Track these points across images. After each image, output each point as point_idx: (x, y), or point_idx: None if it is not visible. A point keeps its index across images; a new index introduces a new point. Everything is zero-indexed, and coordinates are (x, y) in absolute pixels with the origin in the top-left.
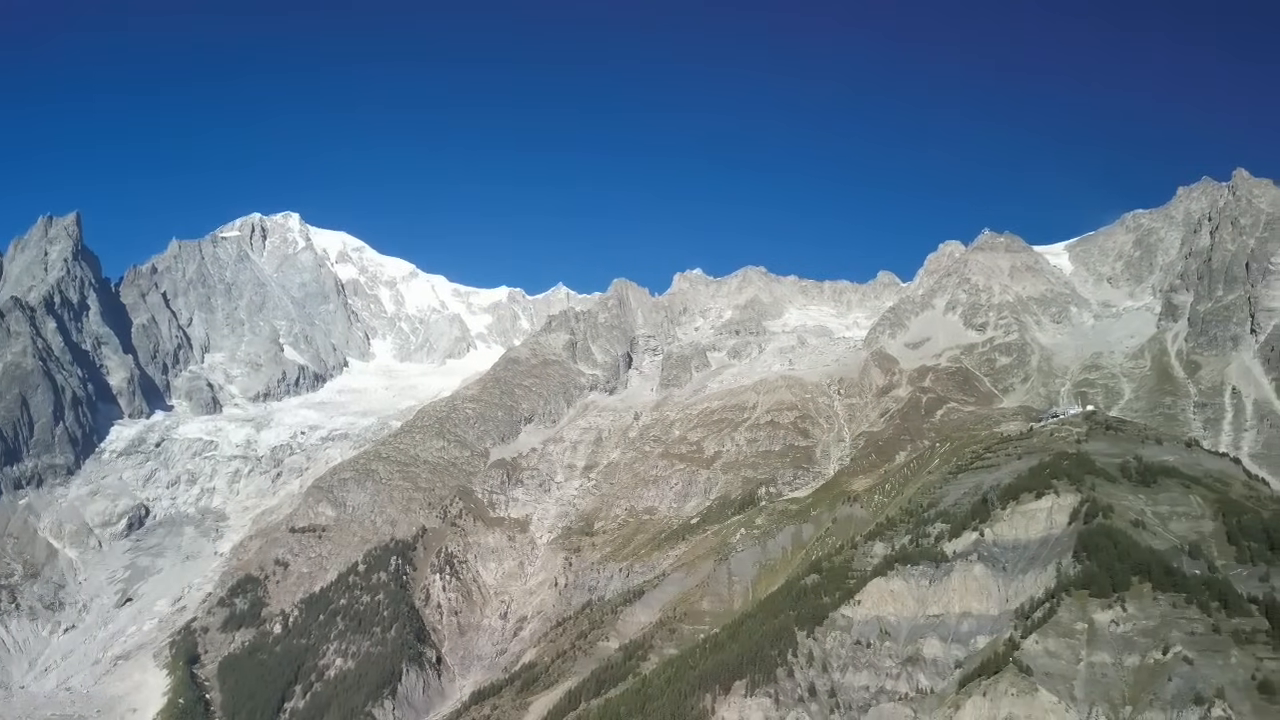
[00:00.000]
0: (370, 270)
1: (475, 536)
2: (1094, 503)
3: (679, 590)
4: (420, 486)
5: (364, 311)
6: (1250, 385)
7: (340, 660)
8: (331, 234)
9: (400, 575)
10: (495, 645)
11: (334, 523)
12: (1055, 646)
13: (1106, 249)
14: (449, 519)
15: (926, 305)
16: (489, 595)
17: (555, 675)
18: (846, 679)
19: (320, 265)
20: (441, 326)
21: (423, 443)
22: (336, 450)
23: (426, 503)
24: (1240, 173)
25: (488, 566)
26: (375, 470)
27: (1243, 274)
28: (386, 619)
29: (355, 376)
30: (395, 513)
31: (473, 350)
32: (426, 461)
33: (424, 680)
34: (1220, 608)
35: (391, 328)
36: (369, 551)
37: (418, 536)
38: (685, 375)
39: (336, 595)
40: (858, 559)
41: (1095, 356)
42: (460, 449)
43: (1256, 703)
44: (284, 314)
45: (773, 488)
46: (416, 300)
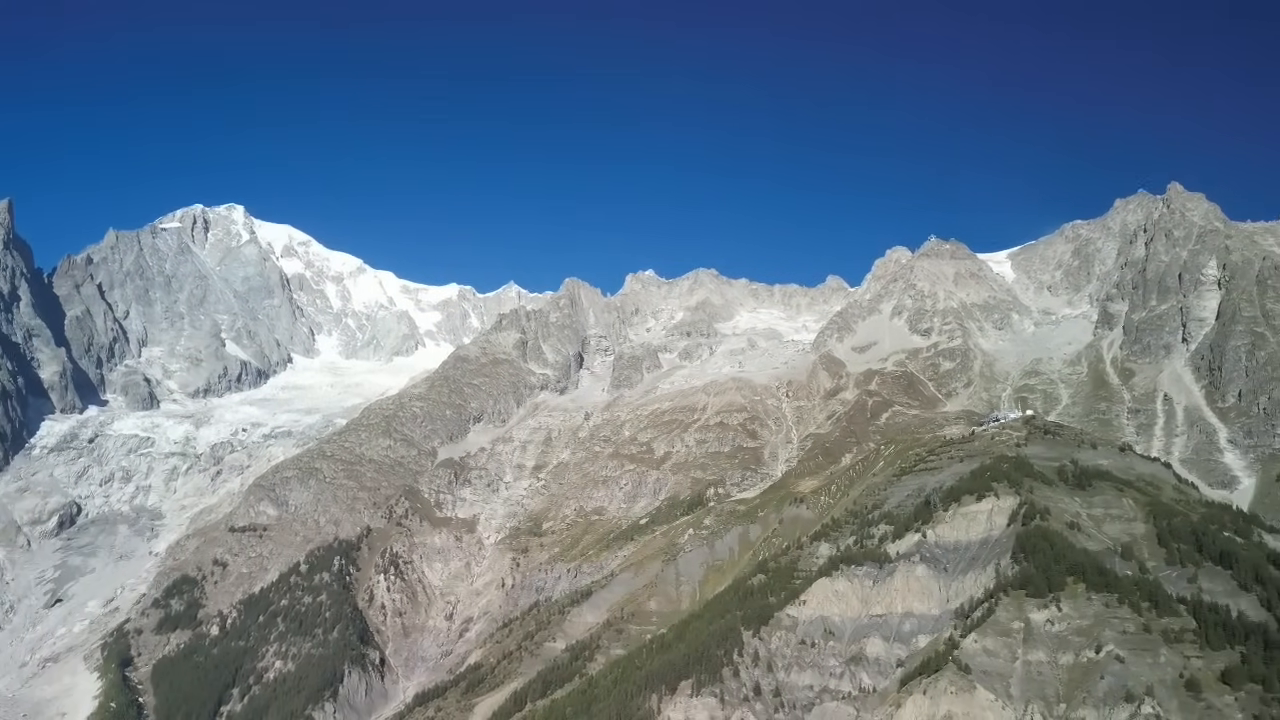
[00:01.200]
0: (317, 265)
1: (421, 537)
2: (1032, 505)
3: (627, 591)
4: (365, 486)
5: (309, 307)
6: (1181, 392)
7: (280, 662)
8: (277, 227)
9: (343, 576)
10: (440, 647)
11: (275, 522)
12: (993, 645)
13: (1047, 258)
14: (394, 519)
15: (873, 310)
16: (434, 596)
17: (501, 676)
18: (791, 678)
19: (265, 259)
20: (389, 323)
21: (369, 441)
22: (279, 448)
23: (372, 502)
24: (1174, 186)
25: (433, 567)
26: (319, 469)
27: (1175, 285)
28: (329, 620)
29: (300, 373)
30: (339, 512)
31: (421, 348)
32: (372, 460)
33: (366, 682)
34: (1151, 607)
35: (338, 324)
36: (311, 551)
37: (362, 536)
38: (636, 376)
39: (277, 596)
40: (804, 559)
41: (1035, 363)
42: (407, 448)
43: (1184, 700)
44: (226, 308)
45: (721, 489)
46: (364, 296)
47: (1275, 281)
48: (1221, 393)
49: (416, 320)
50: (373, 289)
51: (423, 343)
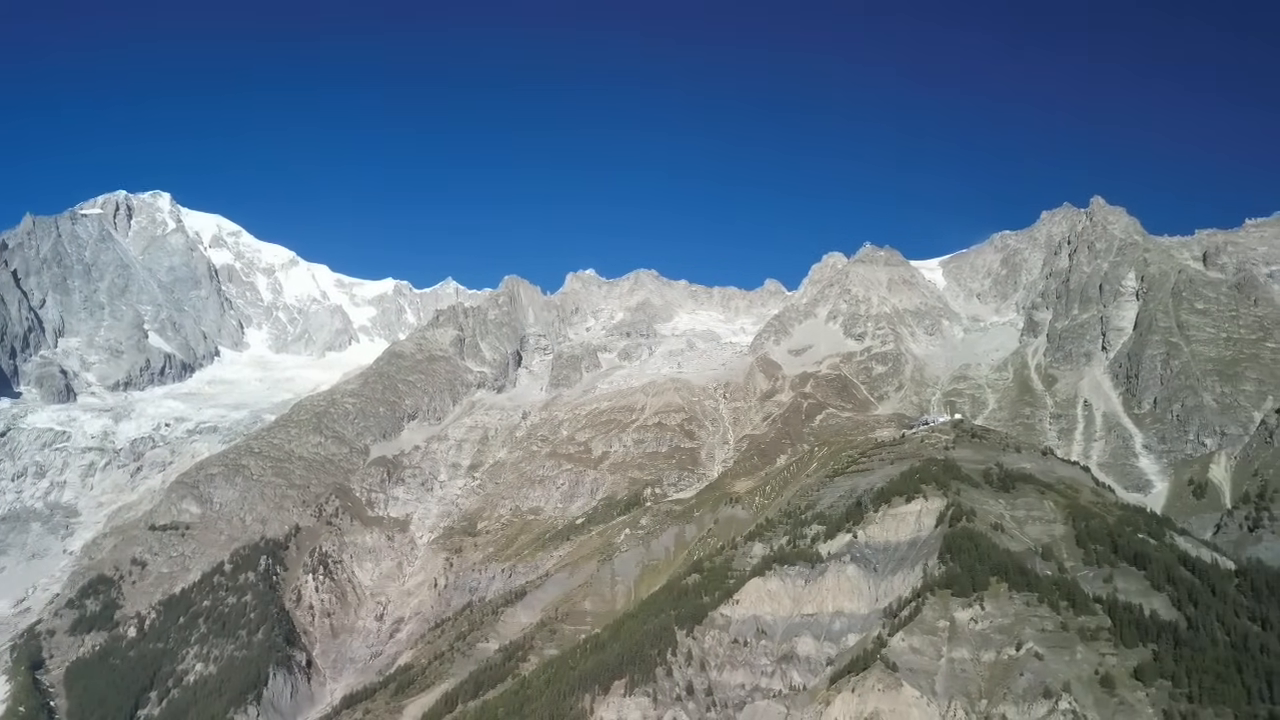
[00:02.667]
0: (247, 256)
1: (352, 536)
2: (959, 507)
3: (562, 591)
4: (294, 484)
5: (239, 299)
6: (1100, 398)
7: (201, 665)
8: (205, 216)
9: (270, 576)
10: (370, 648)
11: (199, 520)
12: (920, 644)
13: (977, 266)
14: (324, 517)
15: (810, 314)
16: (364, 596)
17: (432, 677)
18: (724, 677)
19: (192, 249)
20: (322, 318)
21: (298, 438)
22: (204, 444)
23: (301, 500)
24: (1097, 200)
25: (364, 567)
26: (246, 466)
27: (1096, 295)
28: (253, 621)
29: (227, 367)
30: (266, 510)
31: (355, 343)
32: (302, 458)
33: (292, 684)
34: (1069, 607)
35: (268, 317)
36: (236, 551)
37: (290, 535)
38: (575, 375)
39: (199, 597)
40: (738, 559)
41: (964, 368)
42: (338, 445)
43: (1098, 696)
44: (150, 298)
45: (658, 489)
46: (296, 289)
47: (1189, 294)
48: (1138, 400)
49: (350, 315)
50: (305, 282)
51: (357, 338)
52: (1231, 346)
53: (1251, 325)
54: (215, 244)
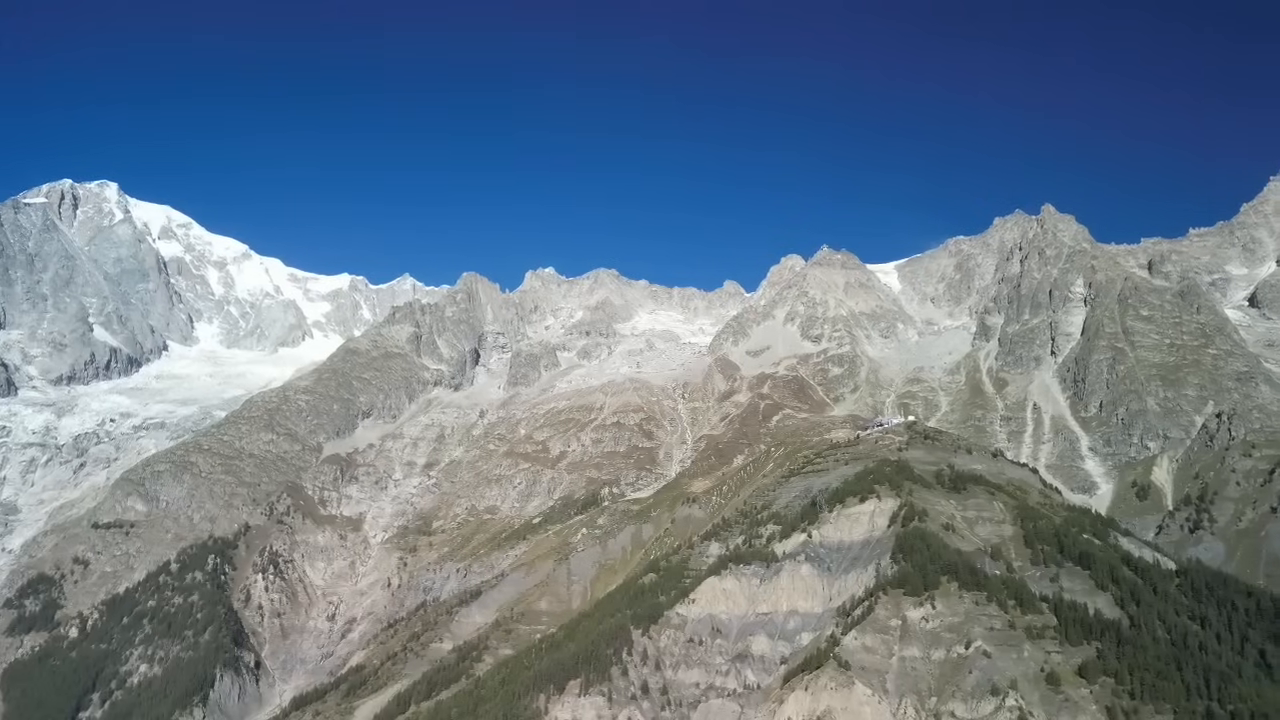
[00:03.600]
0: (197, 249)
1: (304, 535)
2: (911, 507)
3: (518, 590)
4: (245, 481)
5: (188, 292)
6: (1049, 402)
7: (145, 666)
8: (154, 207)
9: (218, 575)
10: (321, 648)
11: (144, 518)
12: (872, 642)
13: (931, 271)
14: (275, 516)
15: (768, 315)
16: (316, 596)
17: (384, 678)
18: (679, 676)
19: (140, 240)
20: (275, 312)
21: (249, 435)
22: (151, 440)
23: (251, 499)
24: (1048, 208)
25: (316, 566)
26: (194, 463)
27: (1046, 300)
28: (200, 621)
29: (176, 362)
30: (215, 509)
31: (309, 339)
32: (253, 455)
33: (240, 686)
34: (1016, 605)
35: (219, 311)
36: (184, 550)
37: (239, 534)
38: (534, 374)
39: (144, 596)
40: (694, 558)
41: (917, 370)
42: (291, 443)
43: (1044, 692)
44: (95, 291)
45: (616, 488)
46: (248, 283)
47: (1135, 301)
48: (1084, 403)
49: (304, 310)
50: (258, 276)
51: (310, 334)
52: (1174, 352)
53: (1194, 332)
54: (164, 235)
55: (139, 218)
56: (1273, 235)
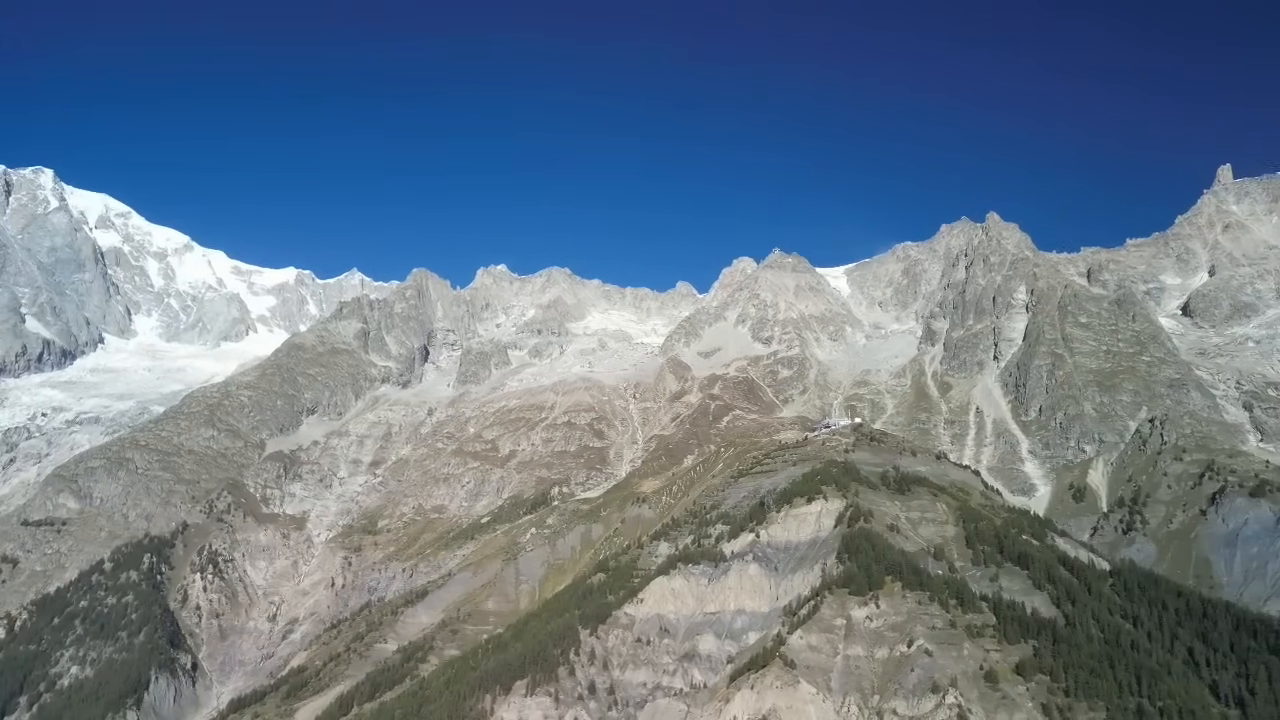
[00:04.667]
0: (137, 239)
1: (244, 533)
2: (857, 508)
3: (465, 590)
4: (183, 478)
5: (127, 284)
6: (991, 406)
7: (77, 668)
8: (92, 195)
9: (154, 575)
10: (261, 649)
11: (77, 516)
12: (817, 641)
13: (879, 275)
14: (215, 514)
15: (719, 317)
16: (256, 596)
17: (326, 680)
18: (626, 676)
19: (76, 229)
20: (218, 306)
21: (189, 431)
22: (85, 436)
23: (190, 496)
24: (993, 216)
25: (257, 566)
26: (130, 459)
27: (990, 306)
28: (135, 622)
29: (112, 355)
30: (152, 506)
31: (252, 334)
32: (192, 451)
33: (176, 688)
34: (957, 605)
35: (159, 303)
36: (118, 548)
37: (177, 533)
38: (484, 372)
39: (76, 596)
40: (643, 558)
41: (865, 373)
42: (232, 439)
43: (983, 690)
44: (28, 280)
45: (566, 488)
46: (190, 275)
47: (1074, 308)
48: (1025, 407)
49: (248, 304)
50: (200, 268)
51: (254, 328)
52: (1111, 359)
53: (1129, 339)
54: (102, 225)
55: (75, 206)
56: (1205, 247)
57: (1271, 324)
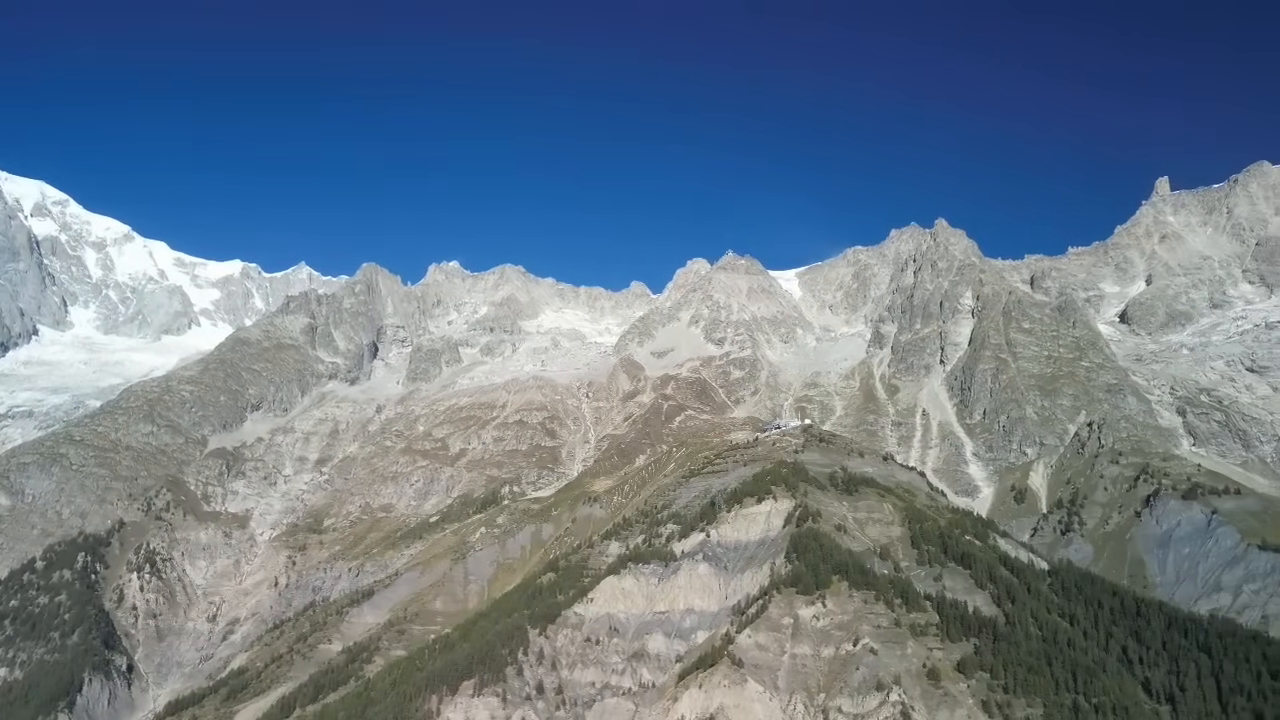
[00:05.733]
0: (74, 228)
1: (184, 532)
2: (805, 508)
3: (412, 590)
4: (120, 475)
5: (63, 274)
6: (937, 408)
7: (5, 670)
8: (27, 182)
9: (88, 574)
10: (200, 651)
11: (8, 513)
12: (765, 640)
13: (830, 279)
14: (154, 512)
15: (673, 317)
16: (196, 596)
17: (268, 681)
18: (575, 676)
19: (10, 217)
20: (159, 298)
21: (126, 426)
22: (17, 430)
23: (127, 493)
24: (941, 222)
25: (197, 565)
26: (65, 455)
27: (937, 311)
28: (68, 623)
29: (46, 347)
30: (87, 503)
31: (195, 327)
32: (130, 447)
33: (110, 691)
34: (902, 604)
35: (96, 295)
36: (51, 546)
37: (113, 531)
38: (435, 369)
39: (6, 596)
40: (594, 558)
41: (815, 375)
42: (173, 435)
43: (925, 688)
44: None
45: (516, 487)
46: (130, 266)
47: (1018, 314)
48: (969, 410)
49: (191, 297)
50: (141, 259)
51: (197, 321)
52: (1052, 364)
53: (1070, 345)
54: (38, 213)
55: (10, 193)
56: (1143, 257)
57: (1205, 332)
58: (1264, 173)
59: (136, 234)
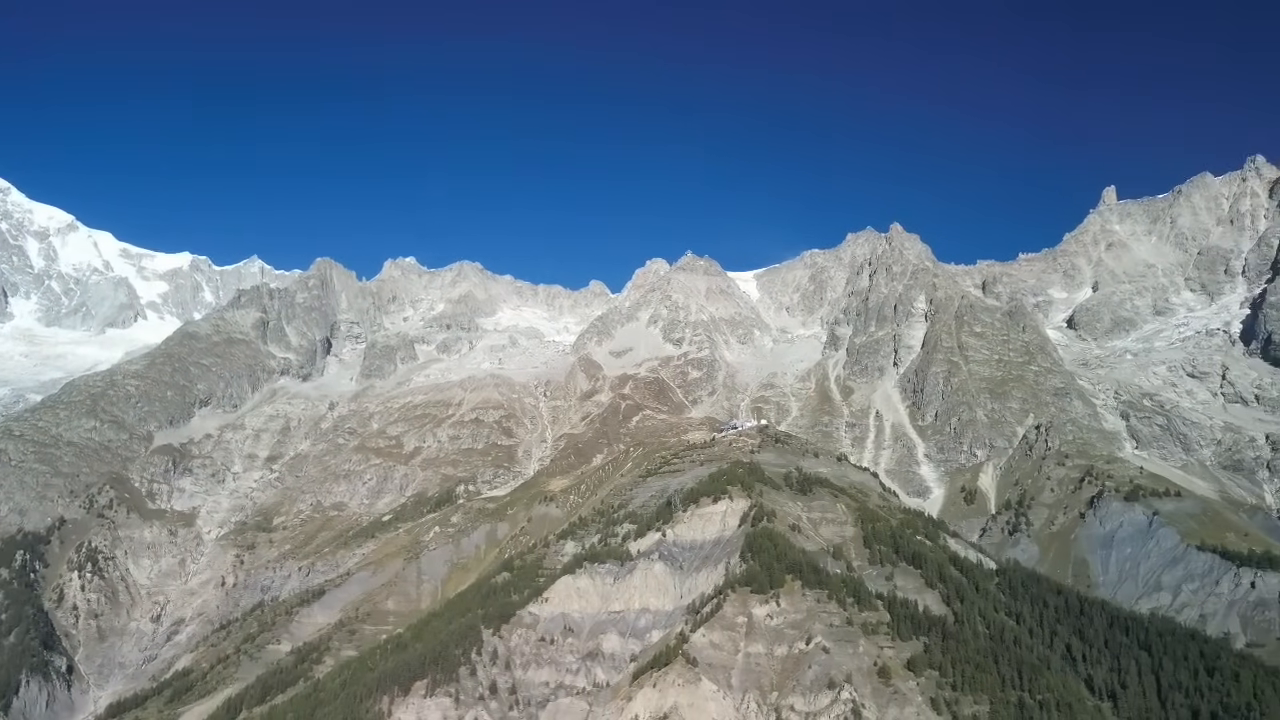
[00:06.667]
0: (16, 217)
1: (128, 530)
2: (761, 508)
3: (364, 590)
4: (61, 472)
5: (4, 264)
6: (890, 410)
7: None
8: None
9: (27, 573)
10: (143, 651)
11: None
12: (719, 639)
13: (787, 281)
14: (96, 509)
15: (632, 317)
16: (139, 596)
17: (213, 682)
18: (529, 675)
19: None
20: (104, 290)
21: (68, 421)
22: None
23: (68, 490)
24: (896, 227)
25: (140, 564)
26: (3, 450)
27: (891, 314)
28: (4, 623)
29: None
30: (26, 500)
31: (141, 320)
32: (71, 443)
33: (49, 692)
34: (854, 603)
35: (38, 286)
36: None
37: (54, 529)
38: (389, 366)
39: None
40: (549, 557)
41: (771, 376)
42: (117, 431)
43: (876, 686)
44: None
45: (472, 486)
46: (74, 257)
47: (969, 318)
48: (922, 412)
49: (138, 289)
50: (85, 250)
51: (144, 315)
52: (1002, 368)
53: (1019, 349)
54: None
55: None
56: (1090, 263)
57: (1148, 338)
58: (1206, 184)
59: (81, 224)
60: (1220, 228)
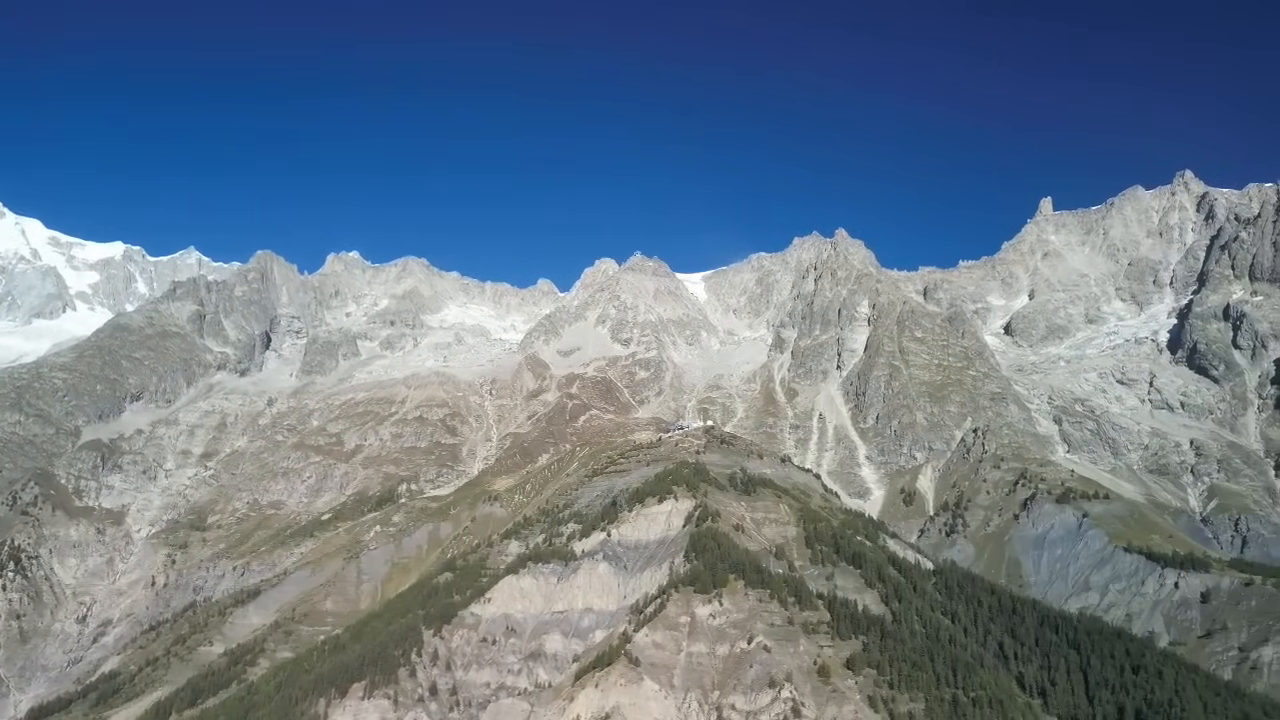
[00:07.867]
0: None
1: (53, 528)
2: (705, 508)
3: (301, 590)
4: None
5: None
6: (833, 412)
7: None
8: None
9: None
10: (68, 654)
11: None
12: (662, 639)
13: (735, 283)
14: (19, 506)
15: (580, 316)
16: (64, 596)
17: (142, 685)
18: (470, 676)
19: None
20: (31, 279)
21: None
22: None
23: None
24: (841, 232)
25: (66, 563)
26: None
27: (835, 318)
28: None
29: None
30: None
31: (70, 311)
32: None
33: None
34: (795, 602)
35: None
36: None
37: None
38: (331, 363)
39: None
40: (493, 557)
41: (717, 378)
42: (42, 425)
43: (815, 684)
44: None
45: (415, 485)
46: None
47: (911, 323)
48: (864, 415)
49: (67, 279)
50: (12, 237)
51: (73, 305)
52: (941, 372)
53: (958, 354)
54: None
55: None
56: (1027, 272)
57: (1080, 345)
58: (1137, 197)
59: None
60: (1150, 240)
